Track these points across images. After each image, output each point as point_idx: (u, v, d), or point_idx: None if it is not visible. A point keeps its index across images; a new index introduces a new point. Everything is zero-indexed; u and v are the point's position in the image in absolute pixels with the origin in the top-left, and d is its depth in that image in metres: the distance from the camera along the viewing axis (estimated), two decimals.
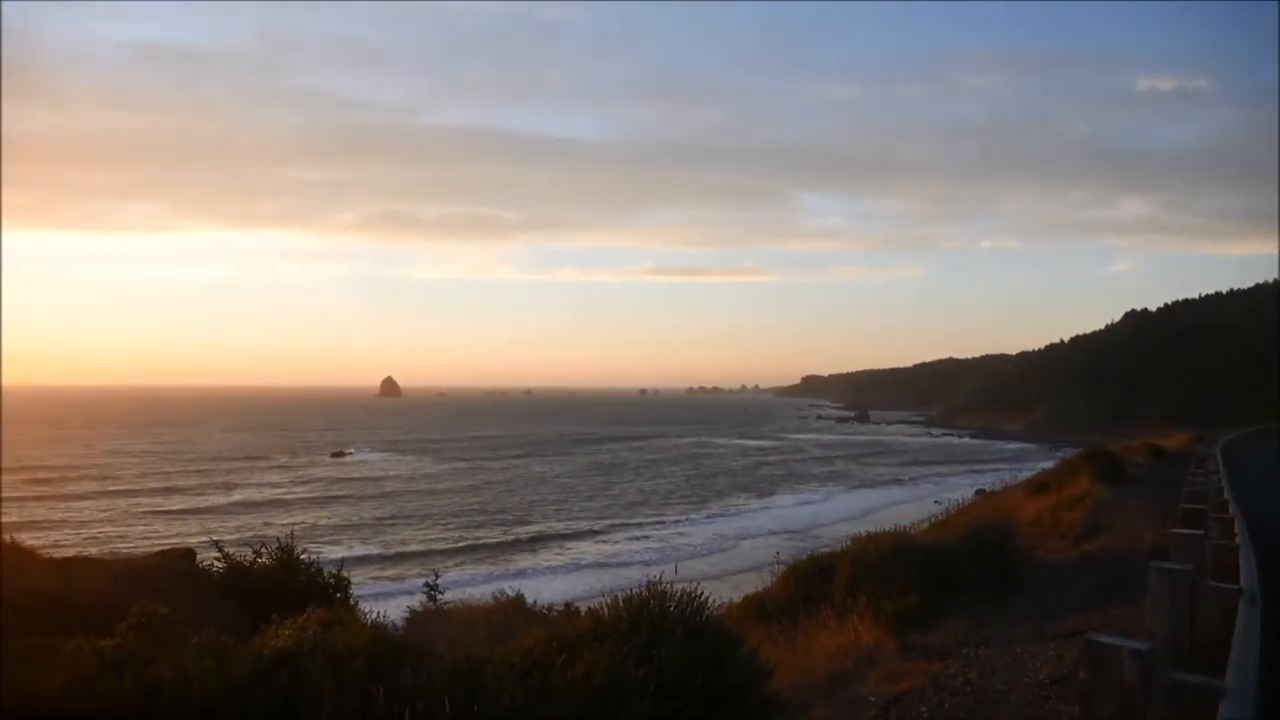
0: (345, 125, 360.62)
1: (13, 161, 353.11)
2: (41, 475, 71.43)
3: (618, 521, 55.38)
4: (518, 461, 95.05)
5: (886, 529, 17.16)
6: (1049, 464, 41.73)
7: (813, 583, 14.15)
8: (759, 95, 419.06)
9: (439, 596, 13.21)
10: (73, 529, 47.98)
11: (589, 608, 7.24)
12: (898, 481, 78.63)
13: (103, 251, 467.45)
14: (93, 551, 26.73)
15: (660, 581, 6.12)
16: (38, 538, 26.88)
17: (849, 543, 15.34)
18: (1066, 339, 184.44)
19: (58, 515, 52.52)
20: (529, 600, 13.11)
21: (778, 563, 17.51)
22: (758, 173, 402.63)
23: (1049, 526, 20.24)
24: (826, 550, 16.03)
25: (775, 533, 49.86)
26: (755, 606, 14.58)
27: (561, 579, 37.60)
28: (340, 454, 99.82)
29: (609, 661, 5.19)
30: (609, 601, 5.89)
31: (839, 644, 10.68)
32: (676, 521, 55.72)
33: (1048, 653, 8.78)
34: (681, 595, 5.79)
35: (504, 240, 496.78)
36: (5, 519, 43.48)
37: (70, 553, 17.46)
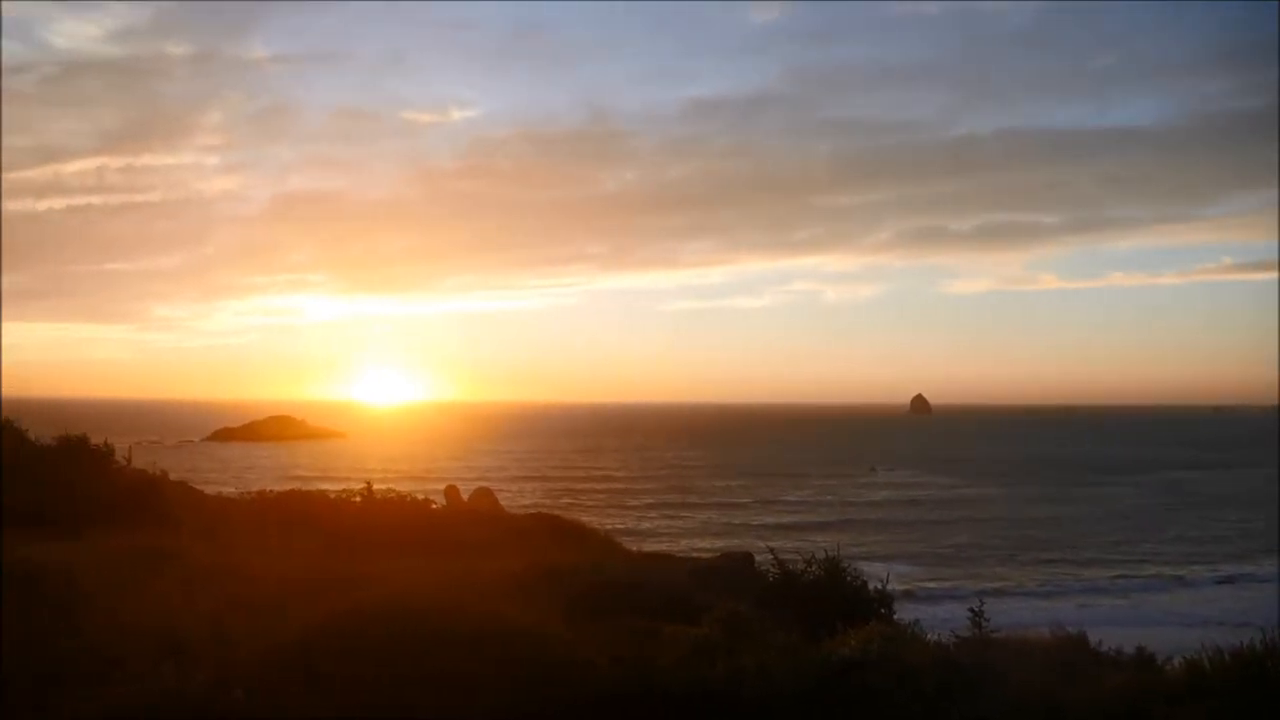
0: (873, 148, 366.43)
1: (597, 216, 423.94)
2: (618, 486, 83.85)
3: (1191, 565, 47.96)
4: (1068, 489, 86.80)
5: None
6: None
7: None
8: None
9: (984, 624, 12.63)
10: (645, 535, 55.31)
11: (1184, 658, 6.31)
12: None
13: (670, 286, 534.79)
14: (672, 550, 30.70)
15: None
16: (624, 539, 31.52)
17: None
18: None
19: (630, 520, 61.12)
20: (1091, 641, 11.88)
21: None
22: None
23: None
24: None
25: None
26: None
27: (1121, 626, 33.51)
28: (873, 470, 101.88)
29: None
30: (1210, 654, 5.08)
31: None
32: (1271, 576, 46.43)
33: None
34: None
35: (1042, 247, 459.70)
36: (601, 523, 51.29)
37: (651, 550, 20.31)
